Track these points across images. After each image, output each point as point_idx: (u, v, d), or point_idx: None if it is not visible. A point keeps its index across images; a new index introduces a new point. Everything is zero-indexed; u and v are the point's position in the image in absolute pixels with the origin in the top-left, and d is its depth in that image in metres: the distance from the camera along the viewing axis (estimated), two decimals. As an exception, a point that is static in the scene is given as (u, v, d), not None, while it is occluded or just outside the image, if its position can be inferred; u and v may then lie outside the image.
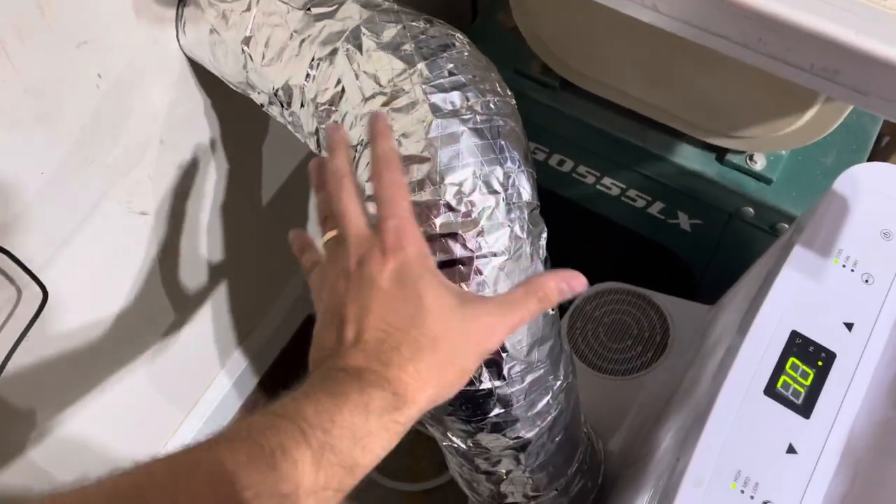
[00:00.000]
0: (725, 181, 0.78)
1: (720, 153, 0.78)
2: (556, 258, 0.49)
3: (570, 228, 1.05)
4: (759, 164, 0.77)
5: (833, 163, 0.79)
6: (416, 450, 1.19)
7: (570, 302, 0.89)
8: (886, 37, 0.33)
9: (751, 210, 0.79)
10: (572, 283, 0.41)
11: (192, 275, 0.78)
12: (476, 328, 0.38)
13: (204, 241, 0.77)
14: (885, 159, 1.00)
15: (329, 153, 0.42)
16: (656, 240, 0.91)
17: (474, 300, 0.39)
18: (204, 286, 0.81)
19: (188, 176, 0.69)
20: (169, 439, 0.94)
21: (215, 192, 0.74)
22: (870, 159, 0.84)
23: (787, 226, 0.78)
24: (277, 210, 0.86)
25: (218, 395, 1.00)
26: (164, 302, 0.75)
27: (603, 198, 0.90)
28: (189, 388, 0.94)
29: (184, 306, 0.79)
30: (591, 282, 0.91)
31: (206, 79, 0.63)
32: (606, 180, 0.88)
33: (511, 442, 0.56)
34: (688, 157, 0.79)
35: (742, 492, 0.47)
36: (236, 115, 0.69)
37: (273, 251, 0.92)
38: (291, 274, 1.01)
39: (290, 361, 1.25)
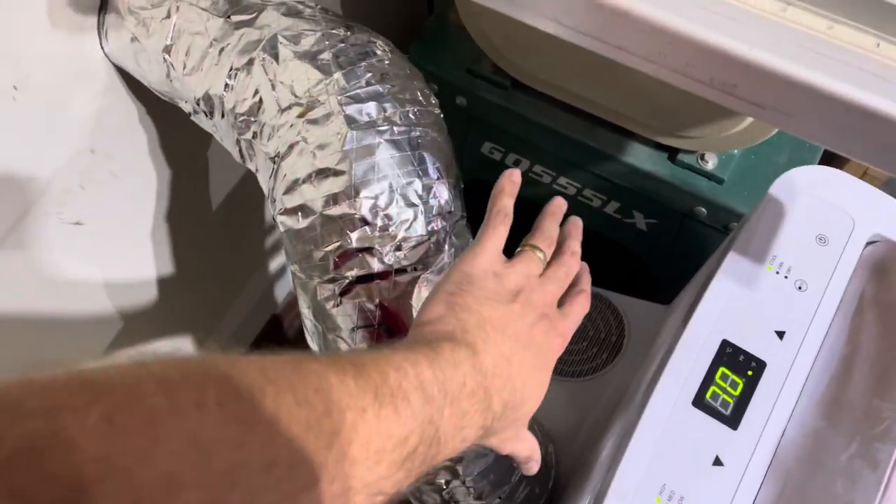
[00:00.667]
0: (677, 181, 0.77)
1: (672, 153, 0.78)
2: None
3: (528, 229, 1.04)
4: (711, 163, 0.76)
5: (786, 161, 0.78)
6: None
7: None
8: (779, 49, 0.32)
9: (703, 210, 0.78)
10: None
11: (138, 283, 0.77)
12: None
13: (149, 248, 0.76)
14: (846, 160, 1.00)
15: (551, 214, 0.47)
16: (614, 238, 0.91)
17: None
18: (153, 295, 0.80)
19: (125, 184, 0.68)
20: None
21: (158, 198, 0.73)
22: (828, 158, 0.83)
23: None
24: (228, 215, 0.85)
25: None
26: (108, 312, 0.74)
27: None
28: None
29: (131, 316, 0.78)
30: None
31: (138, 85, 0.61)
32: (562, 180, 0.87)
33: (445, 453, 0.55)
34: (639, 157, 0.79)
35: (666, 506, 0.47)
36: (174, 120, 0.68)
37: (226, 255, 0.91)
38: (249, 276, 1.00)
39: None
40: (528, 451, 0.42)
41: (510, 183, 0.45)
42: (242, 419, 0.23)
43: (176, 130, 0.69)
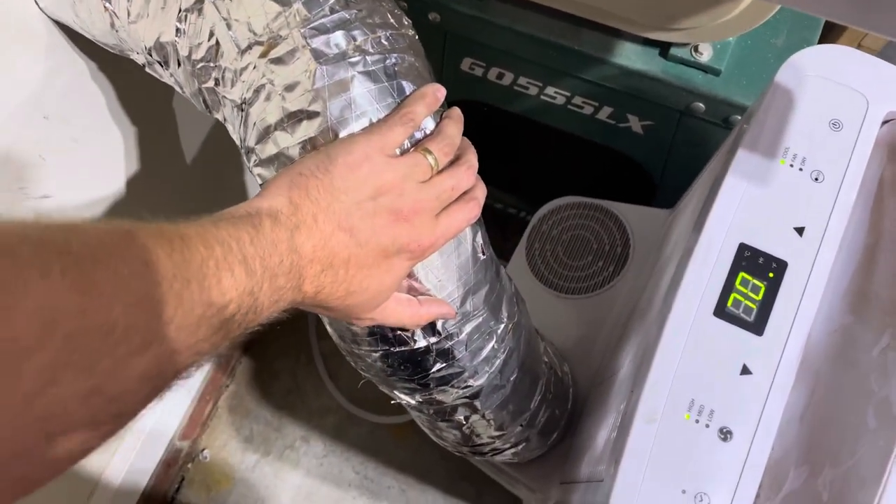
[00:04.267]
0: (671, 77, 0.73)
1: (663, 48, 0.73)
2: (511, 180, 0.45)
3: (520, 144, 1.00)
4: (706, 55, 0.71)
5: (784, 43, 0.74)
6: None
7: (526, 223, 0.86)
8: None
9: (701, 105, 0.74)
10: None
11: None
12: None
13: (126, 212, 0.72)
14: (838, 36, 0.94)
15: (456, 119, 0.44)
16: (609, 145, 0.87)
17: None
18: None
19: (90, 148, 0.63)
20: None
21: (127, 159, 0.69)
22: (825, 34, 0.78)
23: (739, 118, 0.73)
24: (205, 166, 0.81)
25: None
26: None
27: (549, 109, 0.85)
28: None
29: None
30: (546, 198, 0.87)
31: (84, 40, 0.56)
32: (550, 90, 0.83)
33: (462, 391, 0.53)
34: (629, 57, 0.74)
35: (697, 421, 0.45)
36: (131, 73, 0.63)
37: (207, 209, 0.87)
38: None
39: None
40: (399, 321, 0.43)
41: (432, 94, 0.43)
42: (84, 289, 0.24)
43: (135, 84, 0.65)
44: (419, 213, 0.39)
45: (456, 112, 0.45)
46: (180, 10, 0.45)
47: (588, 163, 0.95)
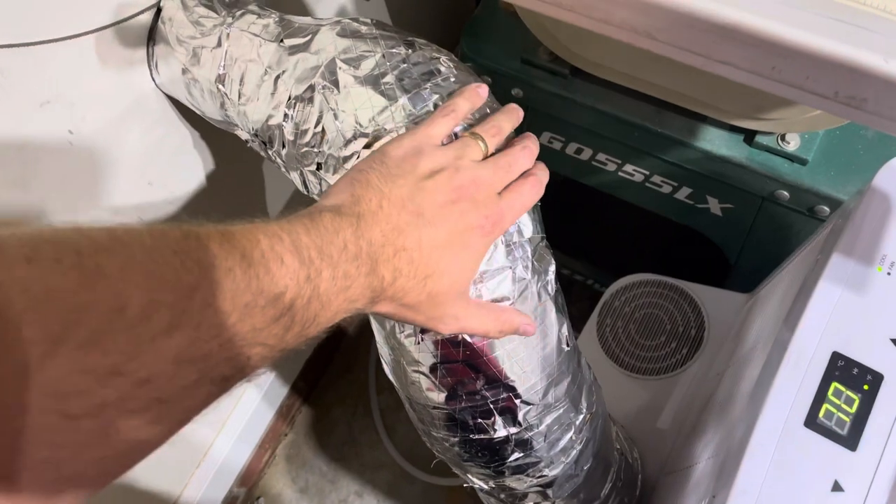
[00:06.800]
0: (756, 164, 0.72)
1: (748, 134, 0.73)
2: (583, 250, 0.45)
3: (595, 218, 1.00)
4: (793, 144, 0.71)
5: (874, 136, 0.72)
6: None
7: (594, 290, 0.85)
8: (924, 63, 0.28)
9: (786, 193, 0.73)
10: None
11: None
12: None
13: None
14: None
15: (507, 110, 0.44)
16: (686, 224, 0.86)
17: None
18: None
19: (184, 210, 0.66)
20: (201, 460, 0.93)
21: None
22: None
23: (826, 208, 0.72)
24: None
25: (248, 409, 0.99)
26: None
27: (626, 185, 0.85)
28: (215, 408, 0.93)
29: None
30: (617, 270, 0.87)
31: (191, 112, 0.59)
32: (628, 167, 0.83)
33: (536, 480, 0.53)
34: (713, 141, 0.74)
35: (785, 537, 0.44)
36: (229, 144, 0.66)
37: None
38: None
39: (321, 360, 1.24)
40: (483, 327, 0.41)
41: (473, 90, 0.44)
42: (82, 271, 0.23)
43: (231, 153, 0.67)
44: (479, 188, 0.39)
45: (510, 105, 0.45)
46: (290, 98, 0.47)
47: (662, 239, 0.94)
